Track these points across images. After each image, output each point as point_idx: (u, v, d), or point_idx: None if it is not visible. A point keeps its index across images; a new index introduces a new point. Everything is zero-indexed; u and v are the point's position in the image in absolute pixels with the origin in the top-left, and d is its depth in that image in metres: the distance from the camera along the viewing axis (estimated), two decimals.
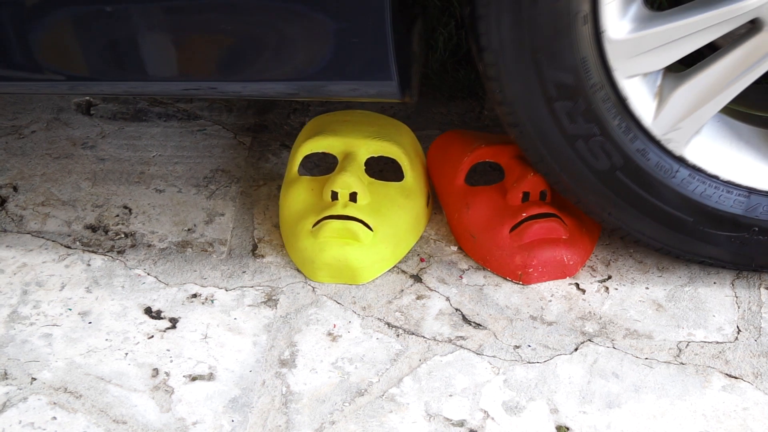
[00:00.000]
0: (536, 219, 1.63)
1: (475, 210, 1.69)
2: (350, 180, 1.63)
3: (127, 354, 1.54)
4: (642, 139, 1.53)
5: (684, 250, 1.61)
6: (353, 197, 1.63)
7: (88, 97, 2.18)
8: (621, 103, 1.50)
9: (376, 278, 1.66)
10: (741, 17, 1.40)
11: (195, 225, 1.80)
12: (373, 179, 1.70)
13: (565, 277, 1.66)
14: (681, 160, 1.54)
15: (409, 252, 1.72)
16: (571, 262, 1.64)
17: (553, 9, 1.42)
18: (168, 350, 1.54)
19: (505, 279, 1.65)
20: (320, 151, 1.72)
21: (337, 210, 1.62)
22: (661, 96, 1.51)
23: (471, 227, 1.69)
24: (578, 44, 1.45)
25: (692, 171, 1.55)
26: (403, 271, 1.68)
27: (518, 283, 1.64)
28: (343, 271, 1.63)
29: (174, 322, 1.59)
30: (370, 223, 1.63)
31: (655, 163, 1.53)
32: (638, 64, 1.48)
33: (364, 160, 1.70)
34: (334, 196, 1.64)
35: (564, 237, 1.64)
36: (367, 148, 1.71)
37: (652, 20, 1.46)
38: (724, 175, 1.55)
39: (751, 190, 1.55)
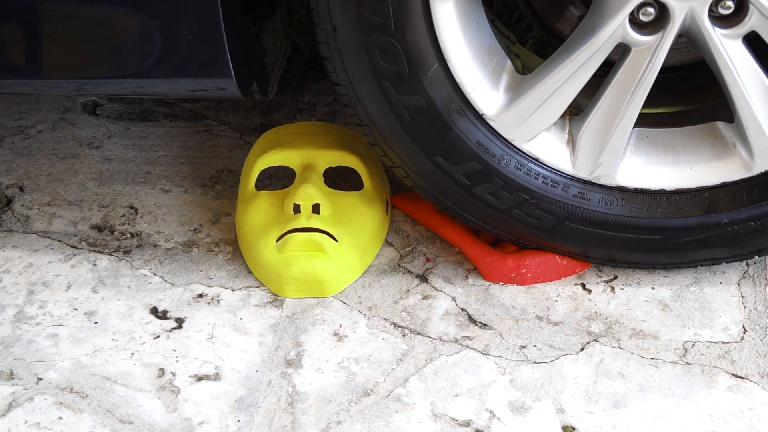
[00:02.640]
0: None
1: (459, 224, 1.70)
2: (312, 191, 1.61)
3: (133, 354, 1.54)
4: (574, 185, 1.54)
5: (676, 263, 1.61)
6: (316, 209, 1.61)
7: (94, 97, 2.18)
8: (536, 163, 1.53)
9: (343, 288, 1.67)
10: (605, 47, 1.41)
11: (201, 225, 1.81)
12: (333, 189, 1.68)
13: (560, 278, 1.65)
14: (621, 189, 1.55)
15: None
16: (564, 262, 1.64)
17: (424, 114, 1.48)
18: (174, 350, 1.54)
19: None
20: (277, 164, 1.70)
21: (301, 222, 1.59)
22: (573, 141, 1.53)
23: (457, 240, 1.70)
24: (466, 133, 1.50)
25: (637, 194, 1.55)
26: (409, 272, 1.68)
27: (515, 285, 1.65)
28: (312, 284, 1.61)
29: (180, 322, 1.59)
30: (335, 234, 1.60)
31: (598, 200, 1.55)
32: (532, 125, 1.50)
33: (323, 171, 1.68)
34: (297, 208, 1.61)
35: None
36: (325, 158, 1.68)
37: (525, 83, 1.49)
38: (671, 186, 1.55)
39: (704, 189, 1.54)
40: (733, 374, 1.48)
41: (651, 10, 1.37)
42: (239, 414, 1.44)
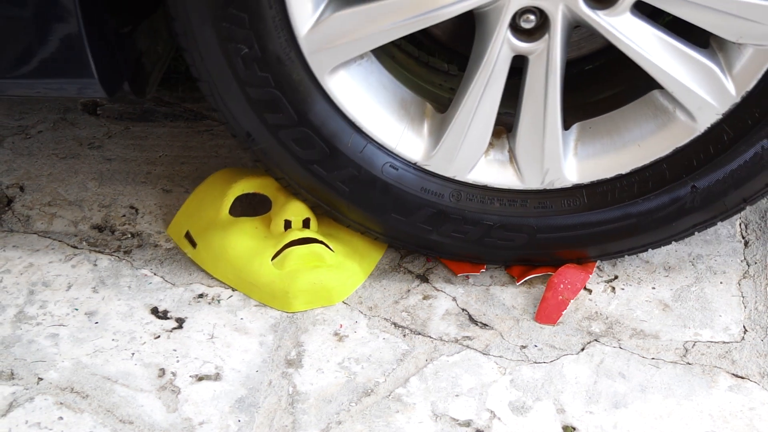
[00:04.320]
0: None
1: None
2: (301, 207, 1.62)
3: (133, 354, 1.54)
4: (531, 198, 1.55)
5: (666, 238, 1.58)
6: (306, 224, 1.62)
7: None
8: (486, 189, 1.54)
9: (349, 294, 1.67)
10: (500, 64, 1.41)
11: None
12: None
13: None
14: (578, 187, 1.54)
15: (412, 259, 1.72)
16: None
17: (360, 182, 1.51)
18: (174, 350, 1.54)
19: (512, 279, 1.65)
20: (253, 191, 1.71)
21: (297, 235, 1.60)
22: (515, 157, 1.52)
23: None
24: (407, 185, 1.53)
25: (596, 187, 1.54)
26: (410, 272, 1.68)
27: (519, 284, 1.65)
28: (320, 294, 1.61)
29: (180, 322, 1.59)
30: (330, 244, 1.62)
31: (561, 204, 1.55)
32: (466, 156, 1.51)
33: None
34: (287, 224, 1.62)
35: None
36: None
37: (445, 121, 1.49)
38: (626, 169, 1.53)
39: (660, 162, 1.51)
40: (733, 374, 1.48)
41: (531, 17, 1.38)
42: (240, 414, 1.44)
